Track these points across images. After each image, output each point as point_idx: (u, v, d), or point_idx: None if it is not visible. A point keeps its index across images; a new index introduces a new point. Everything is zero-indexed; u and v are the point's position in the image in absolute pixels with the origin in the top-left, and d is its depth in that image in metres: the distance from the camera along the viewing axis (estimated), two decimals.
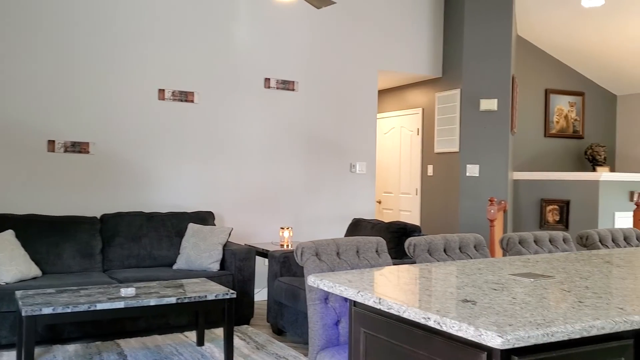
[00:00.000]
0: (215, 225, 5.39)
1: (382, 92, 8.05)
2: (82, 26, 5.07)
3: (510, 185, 7.02)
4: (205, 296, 3.64)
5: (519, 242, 3.06)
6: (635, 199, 7.06)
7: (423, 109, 7.41)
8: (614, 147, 8.19)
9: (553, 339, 1.36)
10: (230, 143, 5.70)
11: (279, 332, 4.57)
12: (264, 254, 5.07)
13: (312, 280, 1.99)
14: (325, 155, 6.23)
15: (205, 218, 5.27)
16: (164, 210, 5.38)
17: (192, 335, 4.41)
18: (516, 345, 1.31)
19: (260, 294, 5.78)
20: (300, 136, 6.07)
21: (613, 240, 3.35)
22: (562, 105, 7.83)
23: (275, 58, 5.90)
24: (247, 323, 4.85)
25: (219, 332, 4.51)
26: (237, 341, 4.29)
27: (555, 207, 7.18)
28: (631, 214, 6.58)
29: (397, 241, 4.57)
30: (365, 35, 6.44)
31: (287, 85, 5.96)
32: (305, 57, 6.07)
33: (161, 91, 5.37)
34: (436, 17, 6.92)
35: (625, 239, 3.41)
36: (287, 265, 4.59)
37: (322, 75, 6.18)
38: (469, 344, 1.40)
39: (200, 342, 4.14)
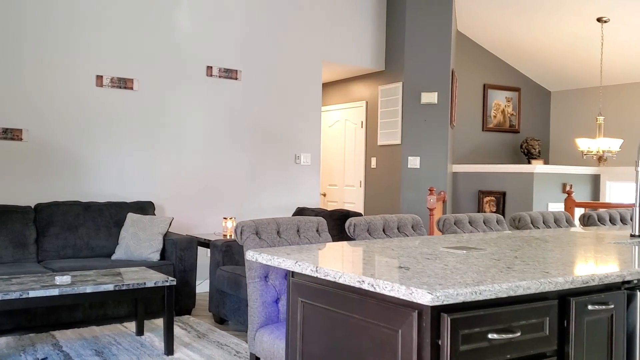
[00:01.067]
0: (155, 215, 5.29)
1: (327, 85, 8.10)
2: (16, 9, 4.86)
3: (450, 177, 7.21)
4: (144, 283, 3.57)
5: (455, 223, 3.15)
6: (567, 189, 7.38)
7: (367, 102, 7.50)
8: (548, 140, 8.54)
9: (481, 297, 1.41)
10: (171, 132, 5.60)
11: (221, 321, 4.53)
12: (206, 244, 5.01)
13: (250, 254, 1.98)
14: (269, 145, 6.21)
15: (145, 208, 5.16)
16: (102, 200, 5.23)
17: (131, 325, 4.31)
18: (445, 302, 1.35)
19: (203, 286, 5.71)
20: (243, 126, 6.03)
21: (544, 222, 3.49)
22: (500, 100, 8.10)
23: (217, 46, 5.84)
24: (189, 313, 4.78)
25: (159, 322, 4.43)
26: (178, 330, 4.23)
27: (492, 198, 7.42)
28: (563, 204, 6.88)
29: (339, 228, 4.61)
30: (310, 26, 6.46)
31: (230, 74, 5.91)
32: (249, 45, 6.04)
33: (99, 77, 5.21)
34: (379, 10, 7.02)
35: (556, 221, 3.57)
36: (229, 255, 4.55)
37: (266, 64, 6.16)
38: (401, 304, 1.43)
39: (140, 331, 4.05)
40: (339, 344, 1.64)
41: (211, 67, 5.79)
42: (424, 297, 1.34)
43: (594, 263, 1.88)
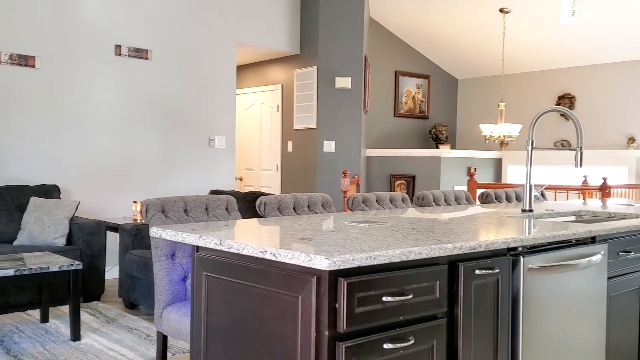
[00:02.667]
0: (61, 199, 5.07)
1: (243, 68, 8.03)
2: None
3: (364, 161, 7.40)
4: (48, 268, 3.44)
5: (363, 202, 3.26)
6: (472, 170, 7.78)
7: (282, 86, 7.52)
8: (455, 126, 8.94)
9: (376, 262, 1.49)
10: (77, 112, 5.37)
11: (131, 306, 4.44)
12: (115, 228, 4.87)
13: (154, 230, 1.97)
14: (182, 128, 6.10)
15: (49, 191, 4.93)
16: (2, 184, 4.94)
17: (35, 313, 4.14)
18: (342, 267, 1.41)
19: (113, 272, 5.56)
20: (155, 107, 5.88)
21: (445, 200, 3.68)
22: (410, 87, 8.37)
23: (127, 24, 5.64)
24: (98, 299, 4.64)
25: (66, 309, 4.28)
26: (86, 316, 4.10)
27: (403, 181, 7.70)
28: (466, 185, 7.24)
29: (254, 210, 4.63)
30: (224, 7, 6.37)
31: (140, 53, 5.73)
32: (161, 25, 5.88)
33: None
34: None
35: (456, 199, 3.77)
36: (139, 238, 4.46)
37: (178, 45, 6.02)
38: (302, 271, 1.49)
39: (45, 318, 3.90)
40: (242, 315, 1.67)
41: (120, 46, 5.59)
42: (322, 263, 1.40)
43: (484, 232, 2.02)
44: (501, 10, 6.45)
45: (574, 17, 2.81)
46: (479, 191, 6.57)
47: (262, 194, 4.77)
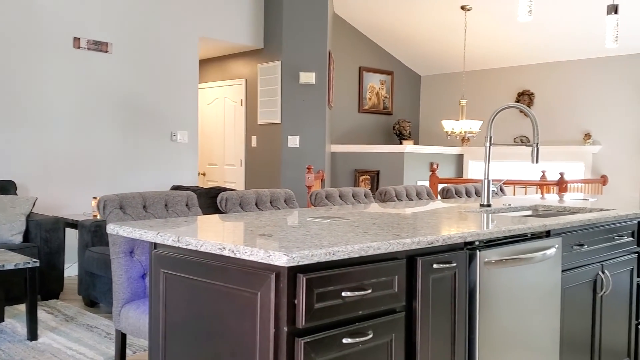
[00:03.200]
0: (17, 195, 4.93)
1: (206, 62, 7.94)
2: None
3: (328, 156, 7.41)
4: (3, 266, 3.34)
5: (326, 197, 3.26)
6: (434, 167, 7.88)
7: (246, 80, 7.47)
8: (418, 122, 9.04)
9: (335, 257, 1.50)
10: (35, 106, 5.22)
11: (91, 304, 4.36)
12: (74, 225, 4.76)
13: (111, 227, 1.93)
14: (144, 122, 6.00)
15: (5, 187, 4.79)
16: None
17: None
18: (301, 263, 1.42)
19: (73, 269, 5.44)
20: (116, 102, 5.77)
21: (407, 196, 3.72)
22: (374, 83, 8.43)
23: (86, 16, 5.51)
24: (57, 297, 4.54)
25: (23, 308, 4.17)
26: (43, 315, 4.00)
27: (367, 177, 7.75)
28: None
29: (216, 206, 4.59)
30: (186, 0, 6.28)
31: (99, 46, 5.60)
32: (121, 17, 5.76)
33: None
34: None
35: (418, 194, 3.82)
36: (99, 235, 4.37)
37: (139, 38, 5.92)
38: (261, 267, 1.48)
39: (0, 318, 3.79)
40: (201, 312, 1.66)
41: (79, 38, 5.46)
42: (281, 259, 1.40)
43: (442, 227, 2.05)
44: (462, 8, 6.55)
45: (531, 15, 2.87)
46: (440, 186, 6.66)
47: (225, 189, 4.74)
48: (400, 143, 8.28)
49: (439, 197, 4.16)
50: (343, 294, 1.53)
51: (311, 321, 1.45)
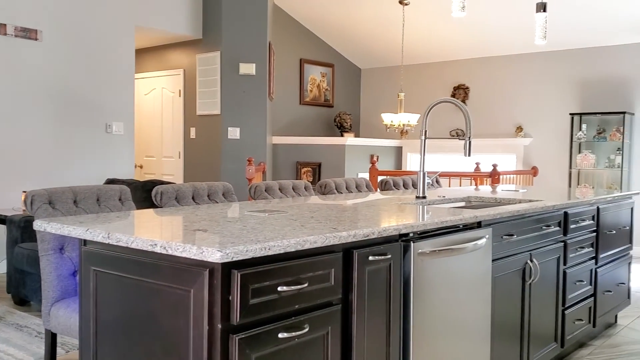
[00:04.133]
0: None
1: (142, 51, 7.72)
2: None
3: (270, 148, 7.38)
4: None
5: (266, 190, 3.25)
6: (374, 159, 7.98)
7: (185, 70, 7.32)
8: (358, 115, 9.13)
9: (270, 252, 1.49)
10: None
11: (21, 302, 4.18)
12: (2, 220, 4.54)
13: (38, 224, 1.85)
14: (77, 114, 5.78)
15: None
16: None
17: None
18: (235, 259, 1.40)
19: (2, 267, 5.19)
20: (47, 92, 5.52)
21: (347, 188, 3.76)
22: (315, 75, 8.44)
23: (13, 1, 5.23)
24: None
25: None
26: None
27: (309, 169, 7.77)
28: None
29: (152, 200, 4.48)
30: None
31: (28, 33, 5.34)
32: (51, 3, 5.50)
33: None
34: None
35: (357, 186, 3.86)
36: (29, 231, 4.19)
37: (71, 25, 5.68)
38: (194, 264, 1.46)
39: None
40: (133, 310, 1.62)
41: (5, 24, 5.18)
42: (214, 255, 1.38)
43: (378, 220, 2.08)
44: (401, 2, 6.64)
45: (464, 11, 2.94)
46: (380, 178, 6.77)
47: (161, 182, 4.63)
48: (342, 135, 8.34)
49: (378, 190, 4.22)
50: (279, 288, 1.52)
51: (246, 317, 1.44)
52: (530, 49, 7.27)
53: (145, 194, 4.50)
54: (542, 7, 3.79)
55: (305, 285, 1.59)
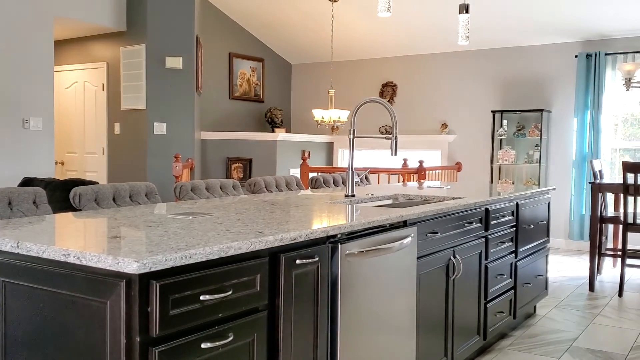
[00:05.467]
0: None
1: (63, 43, 7.35)
2: None
3: (198, 144, 7.22)
4: None
5: (192, 190, 3.17)
6: (305, 155, 7.99)
7: (108, 64, 7.04)
8: (289, 110, 9.10)
9: (192, 261, 1.45)
10: None
11: None
12: None
13: None
14: None
15: None
16: None
17: None
18: (153, 269, 1.35)
19: None
20: None
21: (277, 186, 3.73)
22: (245, 70, 8.33)
23: None
24: None
25: None
26: None
27: (240, 165, 7.67)
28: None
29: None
30: None
31: None
32: None
33: None
34: None
35: (287, 184, 3.84)
36: None
37: None
38: (110, 275, 1.39)
39: None
40: (46, 324, 1.53)
41: None
42: (131, 266, 1.32)
43: (307, 221, 2.06)
44: None
45: (390, 12, 2.97)
46: (310, 175, 6.78)
47: (82, 181, 4.43)
48: (273, 131, 8.29)
49: (309, 187, 4.21)
50: (202, 297, 1.48)
51: (166, 329, 1.39)
52: (454, 47, 7.48)
53: (64, 193, 4.28)
54: (464, 9, 3.89)
55: (230, 292, 1.55)
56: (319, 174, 7.38)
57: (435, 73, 7.81)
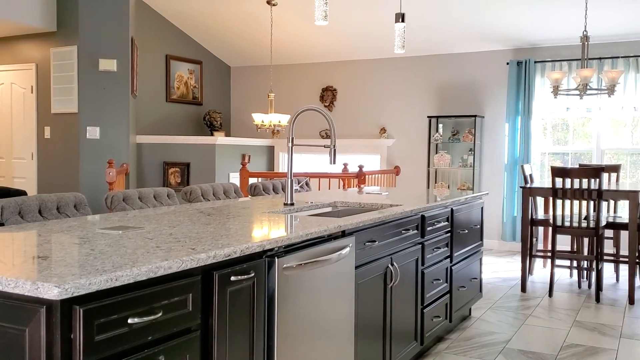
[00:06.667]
0: None
1: None
2: None
3: (133, 148, 7.02)
4: None
5: (124, 200, 3.06)
6: (245, 160, 7.91)
7: (37, 65, 6.73)
8: (229, 113, 8.99)
9: (118, 283, 1.38)
10: None
11: None
12: None
13: None
14: None
15: None
16: None
17: None
18: (76, 294, 1.28)
19: None
20: None
21: (214, 194, 3.66)
22: (182, 72, 8.16)
23: None
24: None
25: None
26: None
27: (177, 169, 7.51)
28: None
29: None
30: None
31: None
32: None
33: None
34: None
35: (225, 192, 3.77)
36: None
37: None
38: (29, 301, 1.31)
39: None
40: None
41: None
42: (51, 292, 1.24)
43: (243, 234, 2.02)
44: (268, 2, 6.61)
45: (327, 20, 2.97)
46: (250, 181, 6.71)
47: (9, 189, 4.21)
48: (212, 134, 8.15)
49: (249, 195, 4.16)
50: (130, 320, 1.42)
51: (91, 356, 1.32)
52: (392, 54, 7.59)
53: None
54: (400, 18, 3.95)
55: (160, 314, 1.50)
56: (259, 179, 7.33)
57: (374, 78, 7.90)
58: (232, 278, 1.78)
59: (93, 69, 6.35)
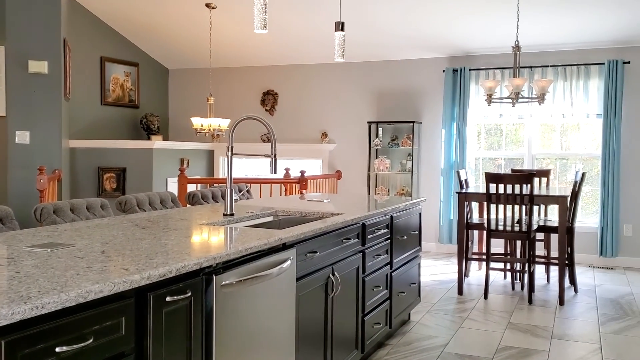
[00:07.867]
0: None
1: None
2: None
3: (66, 153, 6.74)
4: None
5: (54, 212, 2.93)
6: (184, 165, 7.75)
7: None
8: (167, 117, 8.79)
9: (44, 311, 1.31)
10: None
11: None
12: None
13: None
14: None
15: None
16: None
17: None
18: None
19: None
20: None
21: (150, 204, 3.55)
22: (118, 75, 7.92)
23: None
24: None
25: None
26: None
27: (113, 174, 7.27)
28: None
29: None
30: None
31: None
32: None
33: None
34: None
35: (162, 201, 3.67)
36: None
37: None
38: None
39: None
40: None
41: None
42: None
43: (179, 250, 1.97)
44: (207, 5, 6.51)
45: (266, 29, 2.95)
46: (189, 187, 6.58)
47: None
48: (149, 138, 7.95)
49: (187, 203, 4.07)
50: (57, 349, 1.35)
51: None
52: (332, 59, 7.63)
53: None
54: (339, 26, 3.97)
55: (91, 340, 1.43)
56: (198, 186, 7.19)
57: (315, 83, 7.92)
58: (168, 298, 1.73)
59: (22, 70, 6.06)
